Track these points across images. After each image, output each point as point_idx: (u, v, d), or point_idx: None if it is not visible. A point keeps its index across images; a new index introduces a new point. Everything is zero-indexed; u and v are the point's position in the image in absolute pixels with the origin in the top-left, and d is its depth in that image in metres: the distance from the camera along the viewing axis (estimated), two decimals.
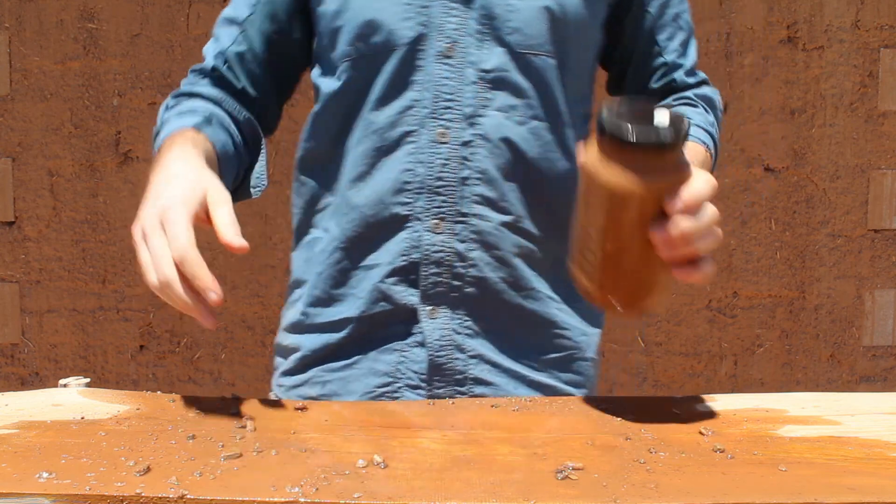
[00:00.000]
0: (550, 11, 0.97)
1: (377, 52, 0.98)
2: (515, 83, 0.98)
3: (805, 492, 0.64)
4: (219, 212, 0.79)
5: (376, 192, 0.99)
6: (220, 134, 0.98)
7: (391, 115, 0.98)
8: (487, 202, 0.98)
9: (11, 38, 2.42)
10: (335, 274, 1.02)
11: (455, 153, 0.97)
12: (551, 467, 0.69)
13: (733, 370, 2.53)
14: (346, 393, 1.02)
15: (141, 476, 0.66)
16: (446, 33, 0.97)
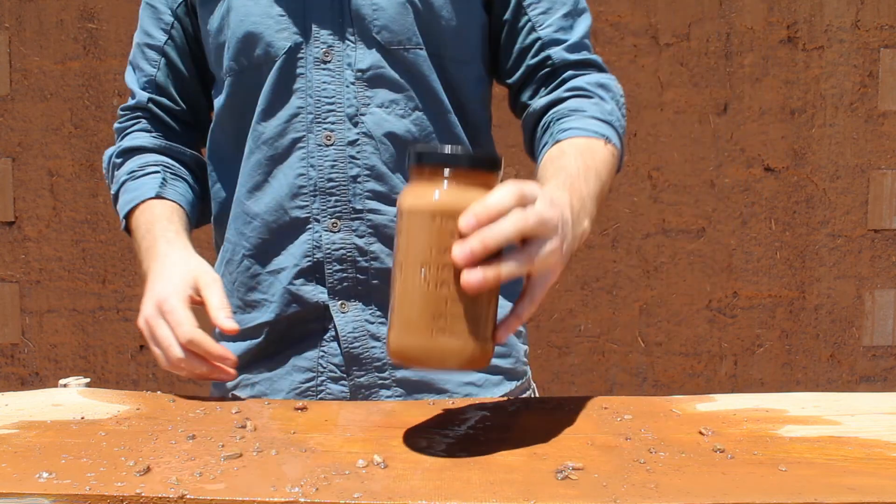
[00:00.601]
0: (413, 5, 0.99)
1: (258, 63, 1.01)
2: (391, 79, 1.00)
3: (805, 492, 0.64)
4: (210, 296, 0.91)
5: (274, 199, 1.02)
6: (179, 187, 1.09)
7: (279, 125, 1.01)
8: (379, 197, 1.01)
9: (11, 38, 2.42)
10: (246, 281, 1.06)
11: (342, 153, 1.00)
12: (551, 467, 0.69)
13: (733, 370, 2.53)
14: (273, 392, 1.05)
15: (141, 476, 0.66)
16: (322, 39, 1.00)
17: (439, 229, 0.67)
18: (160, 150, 1.10)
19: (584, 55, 1.05)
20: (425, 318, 0.68)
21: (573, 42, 1.04)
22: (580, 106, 1.00)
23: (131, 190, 1.06)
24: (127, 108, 1.14)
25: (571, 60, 1.04)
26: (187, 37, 1.10)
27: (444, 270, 0.67)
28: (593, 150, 0.95)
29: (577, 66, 1.04)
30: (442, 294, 0.68)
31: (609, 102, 1.02)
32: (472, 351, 0.69)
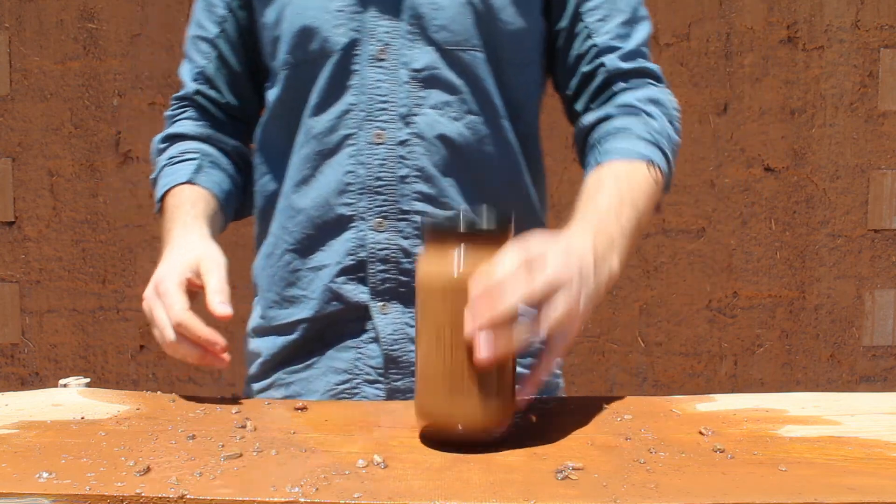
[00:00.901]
0: (474, 6, 0.99)
1: (313, 58, 1.00)
2: (447, 80, 0.99)
3: (805, 492, 0.64)
4: (209, 280, 0.91)
5: (321, 194, 1.01)
6: (215, 175, 1.09)
7: (330, 120, 1.00)
8: (427, 199, 1.00)
9: (11, 38, 2.42)
10: (286, 276, 1.05)
11: (392, 153, 0.99)
12: (551, 467, 0.69)
13: (733, 370, 2.53)
14: (308, 392, 1.04)
15: (141, 476, 0.66)
16: (378, 37, 0.99)
17: (453, 298, 0.70)
18: (202, 137, 1.11)
19: (638, 63, 1.03)
20: (445, 383, 0.71)
21: (629, 50, 1.03)
22: (626, 125, 0.99)
23: (167, 175, 1.08)
24: (177, 97, 1.15)
25: (625, 69, 1.02)
26: (240, 30, 1.10)
27: (460, 337, 0.70)
28: (633, 177, 0.94)
29: (631, 76, 1.03)
30: (459, 359, 0.70)
31: (659, 119, 1.00)
32: (493, 413, 0.72)
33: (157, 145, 1.13)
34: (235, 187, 1.12)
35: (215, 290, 0.90)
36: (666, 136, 1.00)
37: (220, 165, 1.11)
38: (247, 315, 1.85)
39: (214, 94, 1.12)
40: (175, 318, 0.87)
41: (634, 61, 1.03)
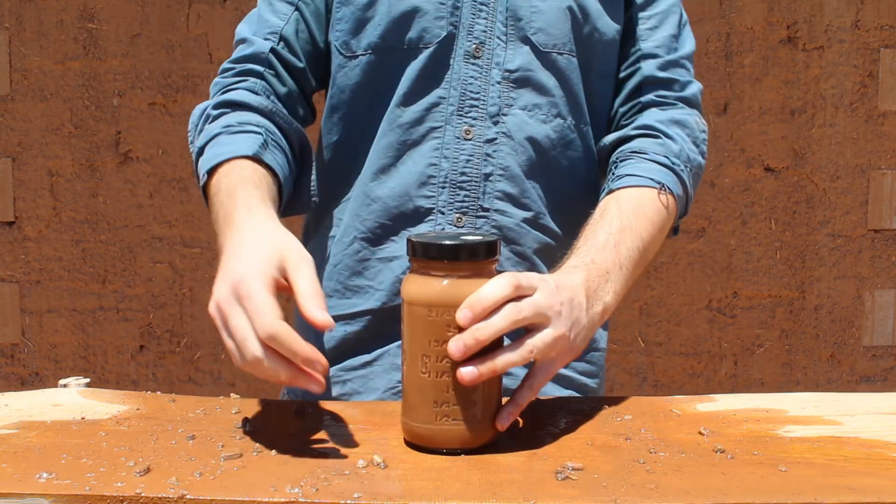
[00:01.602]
0: (572, 11, 0.99)
1: (408, 46, 0.98)
2: (539, 82, 0.99)
3: (805, 492, 0.64)
4: (300, 280, 0.71)
5: (401, 184, 0.99)
6: (279, 156, 0.94)
7: (418, 111, 0.99)
8: (509, 198, 0.99)
9: (11, 38, 2.42)
10: (353, 265, 1.02)
11: (479, 150, 0.99)
12: (551, 467, 0.69)
13: (733, 370, 2.53)
14: (367, 390, 1.02)
15: (141, 476, 0.66)
16: (475, 34, 0.98)
17: (437, 321, 0.71)
18: (266, 112, 0.97)
19: (673, 74, 1.03)
20: (429, 404, 0.72)
21: (669, 60, 1.04)
22: (643, 147, 0.99)
23: (223, 144, 0.91)
24: (236, 59, 1.01)
25: (659, 77, 1.03)
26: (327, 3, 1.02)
27: (444, 360, 0.71)
28: (640, 206, 0.93)
29: (663, 86, 1.03)
30: (443, 382, 0.71)
31: (679, 142, 1.00)
32: (475, 433, 0.72)
33: (209, 111, 0.97)
34: (293, 177, 0.99)
35: (309, 293, 0.70)
36: (685, 158, 1.00)
37: (284, 149, 0.96)
38: None
39: (292, 58, 1.01)
40: (265, 330, 0.67)
41: (670, 71, 1.03)
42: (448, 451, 0.72)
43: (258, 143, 0.91)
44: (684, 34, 1.06)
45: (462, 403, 0.71)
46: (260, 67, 1.00)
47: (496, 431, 0.75)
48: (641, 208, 0.93)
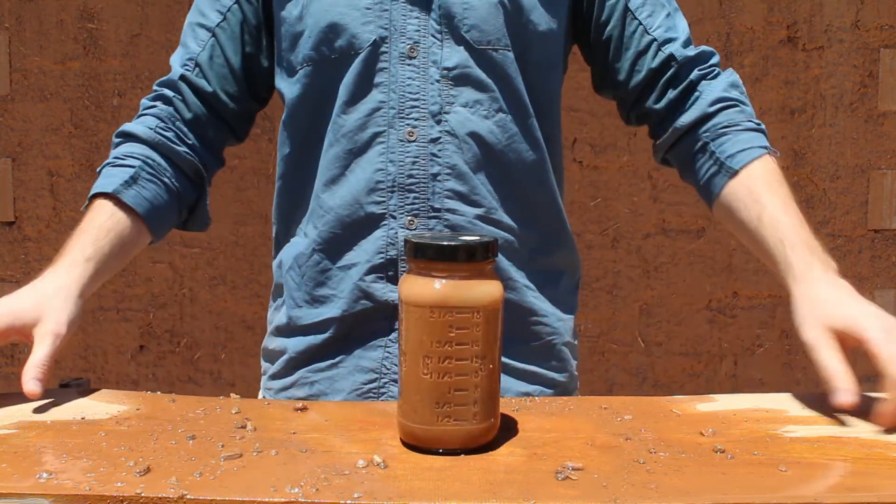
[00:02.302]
0: (504, 7, 1.00)
1: (340, 55, 1.00)
2: (478, 78, 1.00)
3: (805, 492, 0.64)
4: (35, 349, 0.85)
5: (351, 192, 1.01)
6: (148, 189, 1.02)
7: (359, 118, 1.00)
8: (459, 196, 1.00)
9: (11, 38, 2.42)
10: (315, 275, 1.04)
11: (424, 150, 1.00)
12: (551, 467, 0.69)
13: (733, 370, 2.53)
14: (334, 392, 1.04)
15: (141, 476, 0.66)
16: (408, 35, 0.99)
17: (438, 322, 0.70)
18: (152, 143, 1.04)
19: (696, 49, 1.06)
20: (429, 405, 0.71)
21: (685, 39, 1.06)
22: (732, 120, 1.02)
23: (101, 177, 1.02)
24: (159, 82, 1.09)
25: (692, 55, 1.05)
26: (245, 22, 1.07)
27: (445, 361, 0.71)
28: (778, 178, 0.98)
29: (698, 62, 1.05)
30: (444, 383, 0.71)
31: (748, 102, 1.05)
32: (478, 432, 0.73)
33: (113, 138, 1.08)
34: (177, 201, 1.06)
35: (35, 363, 0.84)
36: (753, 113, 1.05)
37: (161, 177, 1.03)
38: (249, 315, 1.87)
39: (202, 82, 1.07)
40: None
41: (692, 48, 1.06)
42: (448, 451, 0.72)
43: (123, 180, 1.00)
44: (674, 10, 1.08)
45: (464, 403, 0.71)
46: (171, 93, 1.07)
47: (496, 431, 0.75)
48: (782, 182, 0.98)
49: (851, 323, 0.80)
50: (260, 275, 2.46)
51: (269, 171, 2.35)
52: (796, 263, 0.88)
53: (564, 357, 1.09)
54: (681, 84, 1.05)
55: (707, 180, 1.02)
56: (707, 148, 1.02)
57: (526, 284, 1.04)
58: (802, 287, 0.86)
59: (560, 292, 1.09)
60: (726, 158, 0.99)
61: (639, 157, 2.43)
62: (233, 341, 2.49)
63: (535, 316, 1.05)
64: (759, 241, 0.94)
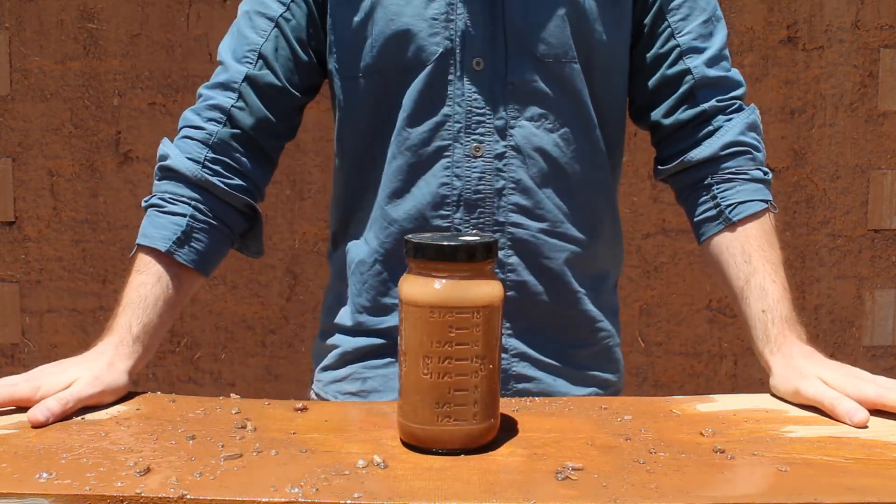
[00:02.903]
0: (570, 17, 0.98)
1: (406, 66, 0.98)
2: (543, 92, 0.99)
3: (805, 492, 0.64)
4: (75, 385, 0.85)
5: (416, 207, 1.00)
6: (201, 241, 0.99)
7: (425, 132, 0.99)
8: (523, 211, 1.00)
9: (11, 38, 2.42)
10: (377, 285, 1.04)
11: (490, 166, 0.99)
12: (551, 467, 0.69)
13: (733, 370, 2.53)
14: (386, 389, 1.04)
15: (141, 476, 0.66)
16: (474, 47, 0.98)
17: (439, 322, 0.70)
18: (201, 184, 0.99)
19: (722, 70, 1.03)
20: (429, 405, 0.72)
21: (713, 54, 1.02)
22: (740, 167, 1.01)
23: (150, 224, 0.99)
24: (211, 86, 1.02)
25: (711, 77, 1.02)
26: (310, 16, 1.02)
27: (445, 361, 0.71)
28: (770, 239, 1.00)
29: (718, 89, 1.02)
30: (444, 383, 0.71)
31: (761, 148, 1.03)
32: (478, 432, 0.73)
33: (157, 164, 1.02)
34: (229, 240, 1.04)
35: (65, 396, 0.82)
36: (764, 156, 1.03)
37: (213, 222, 1.00)
38: (249, 315, 1.86)
39: (270, 77, 1.01)
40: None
41: (719, 67, 1.03)
42: (448, 451, 0.72)
43: (175, 236, 0.97)
44: (716, 16, 1.05)
45: (464, 403, 0.71)
46: (229, 100, 1.01)
47: (496, 431, 0.75)
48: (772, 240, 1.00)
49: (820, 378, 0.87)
50: (260, 275, 2.46)
51: None
52: (775, 338, 0.92)
53: (619, 358, 1.12)
54: (693, 108, 1.02)
55: (703, 221, 1.03)
56: (710, 190, 1.02)
57: (585, 293, 1.06)
58: (778, 358, 0.91)
59: (608, 294, 1.11)
60: (726, 207, 1.00)
61: (639, 157, 2.43)
62: (233, 341, 2.49)
63: (596, 322, 1.08)
64: (741, 302, 0.97)
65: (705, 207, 1.02)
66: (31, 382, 0.84)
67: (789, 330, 0.92)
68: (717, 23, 1.04)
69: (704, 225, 1.02)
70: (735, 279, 0.98)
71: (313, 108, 1.08)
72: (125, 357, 0.91)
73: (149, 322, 0.95)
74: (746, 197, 1.00)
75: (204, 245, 1.00)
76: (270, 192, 1.74)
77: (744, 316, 0.97)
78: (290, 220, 2.43)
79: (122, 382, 0.88)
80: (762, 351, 0.93)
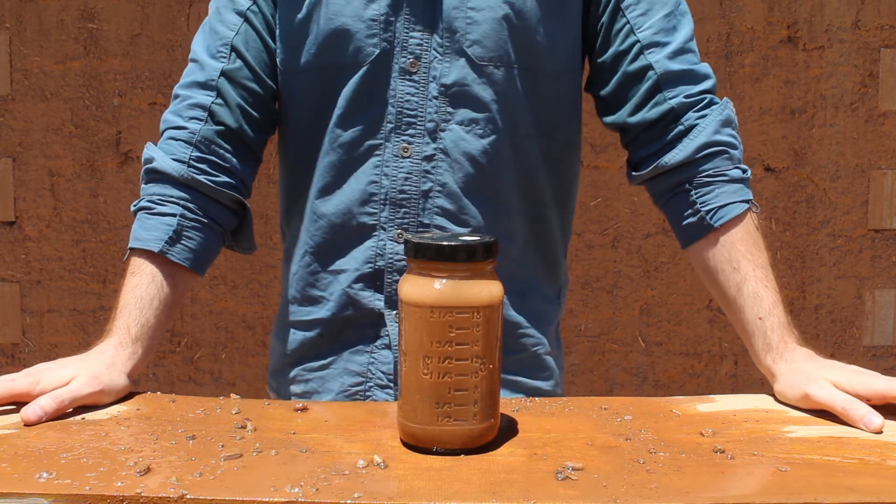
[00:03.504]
0: (509, 20, 0.97)
1: (343, 64, 0.99)
2: (476, 96, 0.99)
3: (805, 492, 0.64)
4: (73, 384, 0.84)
5: (344, 202, 1.02)
6: (193, 240, 0.99)
7: (356, 131, 1.00)
8: (447, 214, 1.01)
9: (12, 38, 2.42)
10: (306, 276, 1.06)
11: (417, 167, 1.00)
12: (551, 467, 0.69)
13: (733, 370, 2.53)
14: (325, 391, 1.06)
15: (141, 476, 0.66)
16: (410, 49, 0.98)
17: (439, 322, 0.71)
18: (188, 183, 1.00)
19: (687, 63, 0.99)
20: (430, 405, 0.72)
21: (676, 48, 0.99)
22: (717, 168, 0.97)
23: (141, 226, 0.99)
24: (187, 85, 1.02)
25: (675, 71, 0.98)
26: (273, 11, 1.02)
27: (445, 361, 0.71)
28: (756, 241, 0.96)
29: (684, 82, 0.99)
30: (445, 383, 0.71)
31: (737, 144, 1.00)
32: (478, 432, 0.73)
33: (143, 172, 1.02)
34: (221, 237, 1.04)
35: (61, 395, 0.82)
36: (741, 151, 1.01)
37: (203, 220, 1.00)
38: (249, 315, 1.86)
39: (243, 70, 1.01)
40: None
41: (683, 60, 0.99)
42: (448, 451, 0.72)
43: (166, 236, 0.97)
44: (680, 10, 1.01)
45: (464, 402, 0.71)
46: (208, 99, 1.01)
47: (496, 432, 0.75)
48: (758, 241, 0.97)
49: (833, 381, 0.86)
50: (260, 275, 2.46)
51: (270, 171, 2.35)
52: (776, 344, 0.91)
53: (549, 366, 1.09)
54: (660, 106, 0.99)
55: (685, 227, 0.99)
56: (689, 195, 0.98)
57: (509, 300, 1.03)
58: (782, 364, 0.90)
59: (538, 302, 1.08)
60: (707, 213, 0.97)
61: None
62: (233, 341, 2.49)
63: (521, 328, 1.06)
64: (735, 310, 0.95)
65: (686, 213, 0.99)
66: (30, 377, 0.84)
67: (788, 335, 0.92)
68: (682, 17, 1.01)
69: (687, 232, 0.99)
70: (725, 288, 0.96)
71: None
72: (125, 358, 0.92)
73: (147, 322, 0.95)
74: (727, 200, 0.97)
75: (196, 243, 1.00)
76: (270, 192, 1.74)
77: (739, 324, 0.95)
78: None
79: (122, 383, 0.88)
80: (763, 358, 0.92)
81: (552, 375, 1.10)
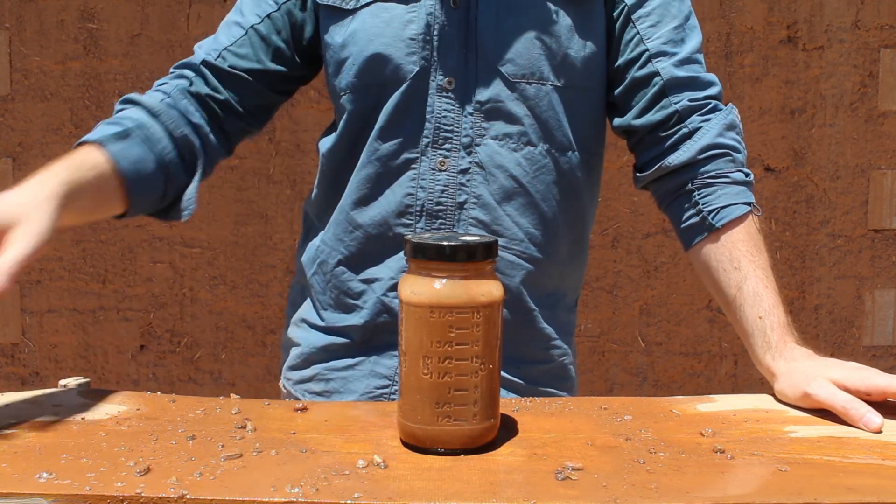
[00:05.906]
0: (541, 38, 1.00)
1: (383, 83, 1.02)
2: (510, 112, 1.01)
3: (805, 492, 0.64)
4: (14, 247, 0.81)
5: (381, 213, 1.04)
6: (136, 150, 0.97)
7: (395, 144, 1.03)
8: (482, 225, 1.03)
9: (12, 38, 2.42)
10: (339, 285, 1.08)
11: (453, 180, 1.02)
12: (551, 467, 0.69)
13: (733, 370, 2.53)
14: (346, 391, 1.07)
15: (141, 476, 0.66)
16: (446, 67, 1.01)
17: (439, 322, 0.71)
18: (154, 111, 1.01)
19: (693, 72, 1.02)
20: (429, 405, 0.72)
21: (683, 57, 1.02)
22: (720, 170, 1.00)
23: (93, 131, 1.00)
24: (177, 65, 1.08)
25: (681, 77, 1.01)
26: (282, 32, 1.07)
27: (445, 361, 0.71)
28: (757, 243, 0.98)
29: (689, 87, 1.01)
30: (445, 383, 0.71)
31: (740, 148, 1.03)
32: (478, 432, 0.73)
33: (116, 104, 1.04)
34: (162, 174, 1.00)
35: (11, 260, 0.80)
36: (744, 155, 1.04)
37: (154, 146, 0.99)
38: (249, 315, 1.86)
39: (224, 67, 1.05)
40: None
41: (689, 69, 1.02)
42: (448, 451, 0.72)
43: (112, 133, 0.96)
44: (689, 24, 1.04)
45: (464, 402, 0.71)
46: (190, 73, 1.06)
47: (496, 432, 0.75)
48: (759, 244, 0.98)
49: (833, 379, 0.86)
50: (260, 275, 2.46)
51: (270, 171, 2.35)
52: (776, 344, 0.92)
53: (571, 376, 1.14)
54: (666, 109, 1.01)
55: (687, 228, 1.02)
56: (692, 196, 1.01)
57: (540, 311, 1.07)
58: (781, 363, 0.90)
59: (564, 312, 1.12)
60: (709, 213, 0.99)
61: None
62: (233, 341, 2.49)
63: (550, 339, 1.09)
64: (735, 309, 0.96)
65: (688, 215, 1.01)
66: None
67: (788, 335, 0.92)
68: (690, 31, 1.04)
69: (689, 233, 1.02)
70: (726, 287, 0.97)
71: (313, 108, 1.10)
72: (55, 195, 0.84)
73: (81, 177, 0.90)
74: (728, 201, 0.99)
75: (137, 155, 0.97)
76: (270, 192, 1.74)
77: (739, 323, 0.96)
78: (290, 220, 2.43)
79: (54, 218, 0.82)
80: (762, 357, 0.92)
81: (574, 384, 1.14)
